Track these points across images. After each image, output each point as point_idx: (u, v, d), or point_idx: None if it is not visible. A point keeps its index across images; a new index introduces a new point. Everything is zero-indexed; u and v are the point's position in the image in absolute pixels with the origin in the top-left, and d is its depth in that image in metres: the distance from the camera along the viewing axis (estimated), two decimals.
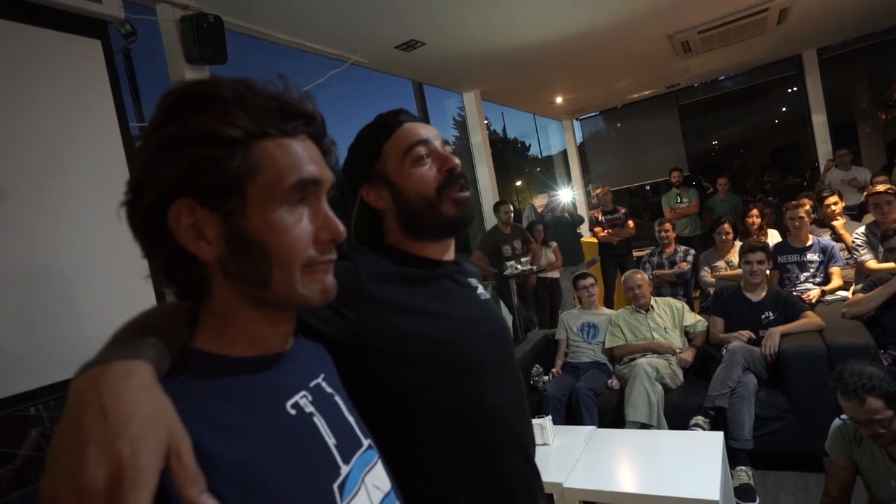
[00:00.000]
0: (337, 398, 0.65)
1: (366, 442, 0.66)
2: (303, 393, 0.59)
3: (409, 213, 0.85)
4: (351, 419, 0.66)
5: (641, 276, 3.30)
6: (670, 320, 3.20)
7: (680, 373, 2.98)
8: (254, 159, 0.52)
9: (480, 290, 0.95)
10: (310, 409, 0.59)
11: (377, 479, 0.65)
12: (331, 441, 0.59)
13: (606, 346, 3.24)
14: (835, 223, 3.79)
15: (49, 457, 0.40)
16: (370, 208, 0.88)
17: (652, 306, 3.25)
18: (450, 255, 0.91)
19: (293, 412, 0.56)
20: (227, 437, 0.48)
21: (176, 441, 0.43)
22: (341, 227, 0.56)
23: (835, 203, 3.85)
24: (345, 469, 0.59)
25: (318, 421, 0.59)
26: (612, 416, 2.92)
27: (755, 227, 4.24)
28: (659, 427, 2.68)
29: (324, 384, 0.65)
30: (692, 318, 3.22)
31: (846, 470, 1.80)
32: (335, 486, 0.56)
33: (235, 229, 0.52)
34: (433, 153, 0.85)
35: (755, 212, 4.34)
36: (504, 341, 0.93)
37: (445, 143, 0.88)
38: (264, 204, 0.52)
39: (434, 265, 0.88)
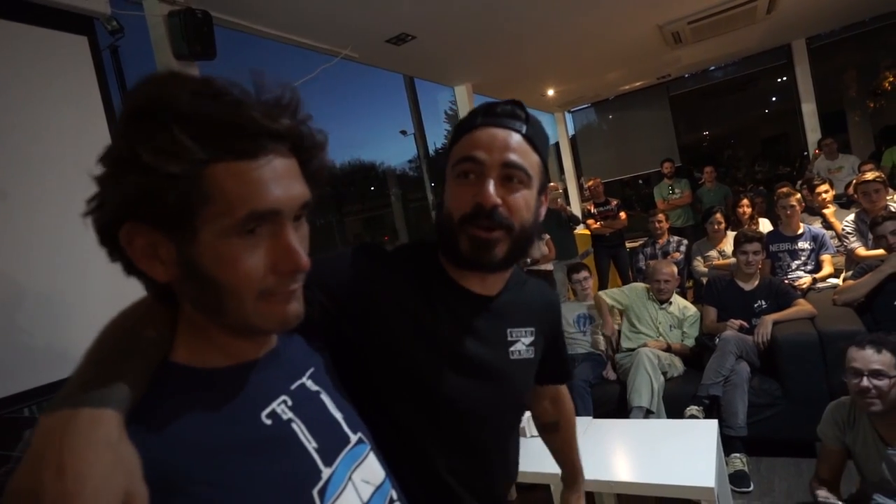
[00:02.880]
0: (323, 395, 0.64)
1: (355, 437, 0.65)
2: (282, 398, 0.58)
3: (439, 227, 0.76)
4: (338, 415, 0.64)
5: (671, 271, 3.23)
6: (678, 321, 3.20)
7: (678, 363, 3.00)
8: (201, 189, 0.47)
9: (516, 347, 0.83)
10: (288, 415, 0.58)
11: (367, 474, 0.64)
12: (311, 445, 0.58)
13: (602, 295, 3.32)
14: (825, 211, 3.83)
15: (4, 500, 0.40)
16: None
17: (670, 302, 3.23)
18: (486, 290, 0.80)
19: (269, 422, 0.55)
20: (199, 457, 0.48)
21: (133, 499, 0.43)
22: (302, 260, 0.51)
23: (825, 191, 3.88)
24: (326, 472, 0.58)
25: (297, 427, 0.58)
26: (608, 406, 2.94)
27: (746, 216, 4.26)
28: (658, 414, 2.71)
29: (308, 382, 0.63)
30: (694, 333, 3.16)
31: (837, 453, 1.84)
32: (315, 491, 0.56)
33: (186, 257, 0.49)
34: (479, 177, 0.72)
35: (745, 201, 4.37)
36: (502, 410, 0.84)
37: (508, 166, 0.72)
38: (213, 235, 0.48)
39: (464, 296, 0.79)
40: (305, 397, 0.61)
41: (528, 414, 2.25)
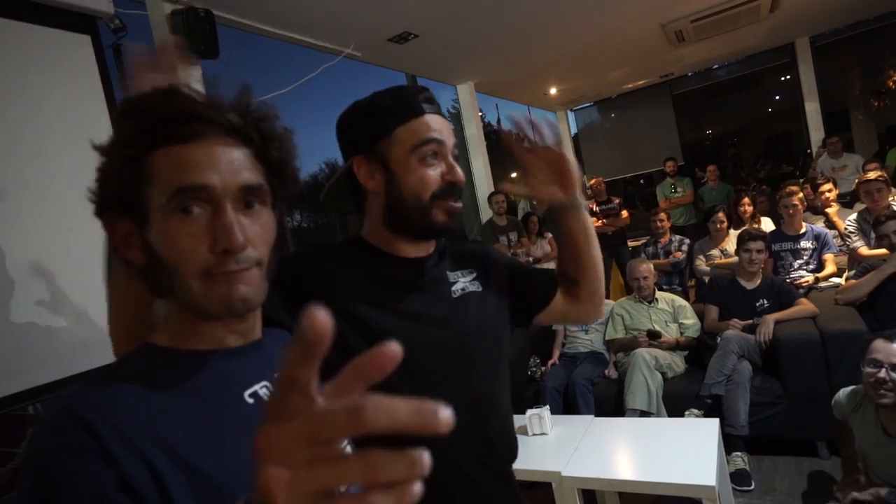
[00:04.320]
0: None
1: None
2: (264, 383, 0.60)
3: (397, 207, 0.82)
4: None
5: (647, 267, 3.27)
6: (671, 315, 3.21)
7: (679, 362, 3.00)
8: (145, 172, 0.53)
9: (458, 286, 0.91)
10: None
11: None
12: None
13: (607, 337, 3.26)
14: (828, 210, 3.82)
15: None
16: (355, 180, 0.85)
17: (656, 299, 3.25)
18: (425, 251, 0.89)
19: (251, 401, 0.57)
20: (184, 433, 0.50)
21: None
22: (237, 237, 0.53)
23: (829, 190, 3.88)
24: None
25: None
26: (610, 405, 2.94)
27: (747, 215, 4.26)
28: (658, 414, 2.71)
29: None
30: (690, 321, 3.17)
31: (847, 428, 1.93)
32: None
33: (146, 241, 0.55)
34: (443, 158, 0.82)
35: (747, 200, 4.36)
36: (464, 344, 0.87)
37: (455, 152, 0.85)
38: (158, 214, 0.53)
39: (401, 263, 0.86)
40: None
41: (529, 413, 2.26)
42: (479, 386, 0.88)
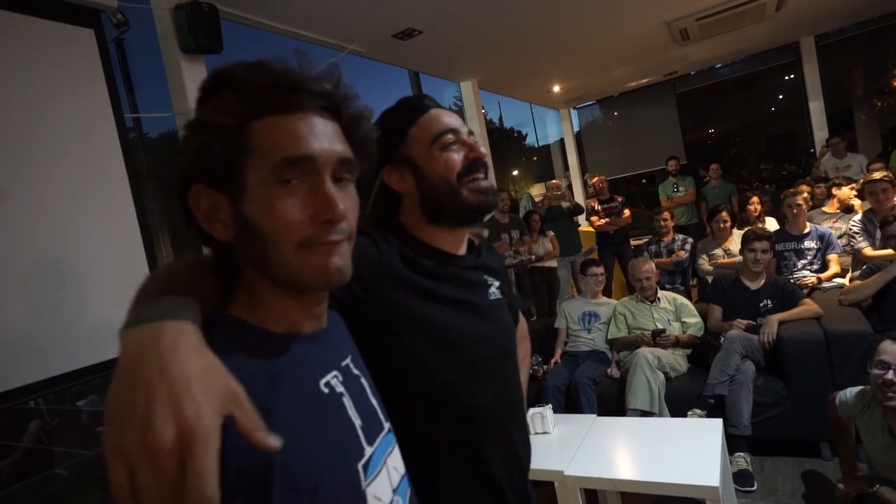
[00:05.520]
0: (363, 380, 0.66)
1: (387, 425, 0.67)
2: (334, 373, 0.60)
3: (431, 198, 0.86)
4: (374, 402, 0.67)
5: (649, 267, 3.26)
6: (673, 314, 3.20)
7: (682, 362, 2.99)
8: (246, 142, 0.53)
9: (494, 288, 0.95)
10: (340, 388, 0.60)
11: (396, 462, 0.67)
12: (357, 422, 0.60)
13: (609, 336, 3.25)
14: (854, 203, 3.85)
15: (109, 412, 0.41)
16: (390, 191, 0.88)
17: (658, 298, 3.24)
18: (462, 249, 0.92)
19: (326, 391, 0.58)
20: (263, 405, 0.48)
21: (233, 393, 0.44)
22: (339, 207, 0.54)
23: (851, 188, 3.96)
24: (369, 450, 0.60)
25: (347, 401, 0.60)
26: (612, 404, 2.93)
27: (757, 213, 4.24)
28: (660, 414, 2.70)
29: (352, 365, 0.66)
30: (693, 319, 3.15)
31: (845, 425, 1.95)
32: (360, 465, 0.58)
33: (238, 211, 0.54)
34: (460, 141, 0.87)
35: (756, 199, 4.34)
36: (505, 345, 0.93)
37: (470, 132, 0.90)
38: (258, 185, 0.53)
39: (444, 257, 0.88)
40: (350, 377, 0.64)
41: (531, 411, 2.25)
42: (513, 383, 0.94)
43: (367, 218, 0.92)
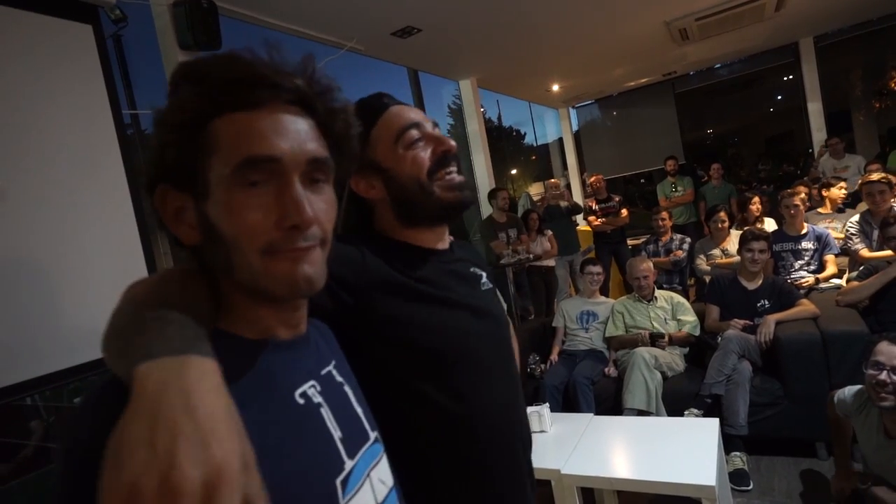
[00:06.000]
0: (346, 388, 0.63)
1: (373, 435, 0.64)
2: (312, 382, 0.57)
3: (403, 200, 0.81)
4: (359, 410, 0.63)
5: (647, 266, 3.27)
6: (670, 313, 3.21)
7: (679, 361, 3.00)
8: (207, 140, 0.49)
9: (484, 279, 0.92)
10: (318, 399, 0.56)
11: (383, 474, 0.63)
12: (336, 434, 0.56)
13: (607, 335, 3.26)
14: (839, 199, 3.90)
15: (119, 450, 0.37)
16: (360, 199, 0.83)
17: (655, 297, 3.25)
18: (444, 243, 0.88)
19: (301, 402, 0.54)
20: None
21: (245, 451, 0.41)
22: (307, 212, 0.50)
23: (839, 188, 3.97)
24: (349, 464, 0.56)
25: (325, 412, 0.56)
26: (609, 403, 2.94)
27: (758, 213, 4.24)
28: (657, 414, 2.71)
29: (335, 372, 0.62)
30: (689, 318, 3.16)
31: (843, 424, 1.96)
32: (338, 481, 0.54)
33: (202, 213, 0.51)
34: (426, 136, 0.82)
35: (757, 199, 4.34)
36: (503, 336, 0.90)
37: (435, 124, 0.84)
38: (220, 186, 0.49)
39: (430, 254, 0.84)
40: (332, 386, 0.60)
41: (528, 410, 2.25)
42: (514, 370, 0.91)
43: (340, 231, 0.86)
